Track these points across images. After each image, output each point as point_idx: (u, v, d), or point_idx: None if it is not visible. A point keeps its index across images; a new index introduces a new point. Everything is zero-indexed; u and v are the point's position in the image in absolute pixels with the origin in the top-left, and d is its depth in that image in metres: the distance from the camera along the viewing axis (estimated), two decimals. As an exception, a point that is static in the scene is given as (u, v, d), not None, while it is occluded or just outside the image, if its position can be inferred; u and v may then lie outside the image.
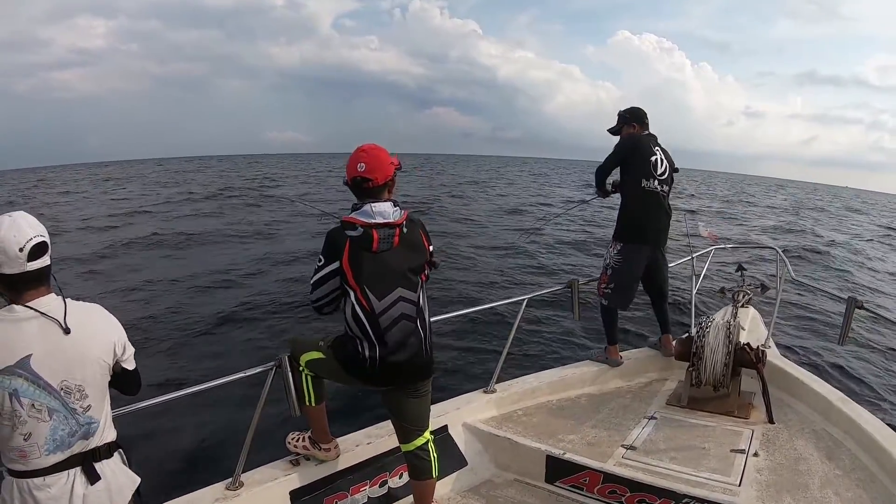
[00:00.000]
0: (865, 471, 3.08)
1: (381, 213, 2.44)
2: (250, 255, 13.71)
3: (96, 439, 1.89)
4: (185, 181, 44.47)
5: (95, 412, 1.88)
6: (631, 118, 4.35)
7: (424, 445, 2.72)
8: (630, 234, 4.26)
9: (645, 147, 4.20)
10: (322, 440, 2.96)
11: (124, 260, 13.63)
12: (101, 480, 1.88)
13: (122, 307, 8.75)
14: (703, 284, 5.62)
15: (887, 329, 8.79)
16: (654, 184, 4.17)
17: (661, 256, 4.40)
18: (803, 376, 4.10)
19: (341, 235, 2.44)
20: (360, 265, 2.41)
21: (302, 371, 2.75)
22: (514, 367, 5.06)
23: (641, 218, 4.23)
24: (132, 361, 2.04)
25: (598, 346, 4.96)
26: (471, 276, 11.79)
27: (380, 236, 2.42)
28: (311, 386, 2.77)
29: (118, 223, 19.86)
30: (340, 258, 2.41)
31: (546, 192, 36.33)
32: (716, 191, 55.07)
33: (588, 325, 7.83)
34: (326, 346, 2.68)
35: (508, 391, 4.00)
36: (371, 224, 2.42)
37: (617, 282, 4.30)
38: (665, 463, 3.25)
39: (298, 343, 2.81)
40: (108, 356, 1.90)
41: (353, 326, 2.48)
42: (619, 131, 4.40)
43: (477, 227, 19.11)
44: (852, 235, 25.25)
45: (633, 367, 4.59)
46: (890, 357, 8.16)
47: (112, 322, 1.99)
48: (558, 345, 7.72)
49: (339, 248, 2.42)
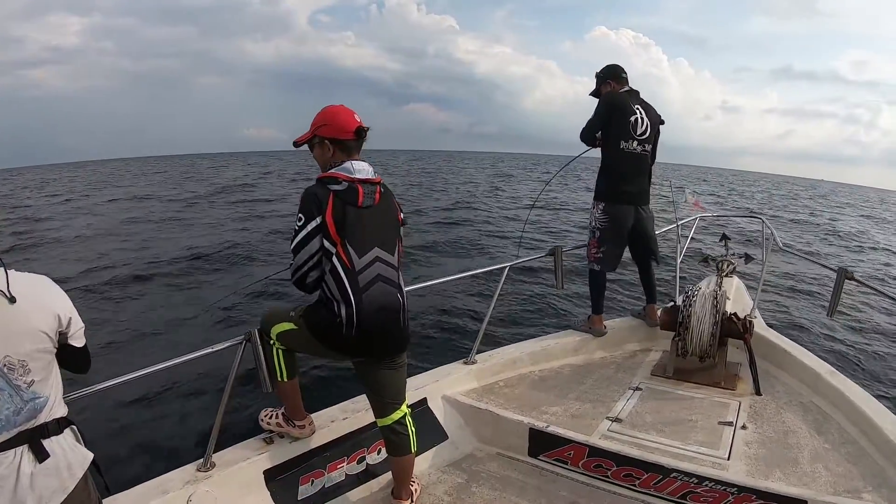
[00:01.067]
0: (855, 445, 3.07)
1: (361, 170, 2.43)
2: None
3: (44, 415, 1.80)
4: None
5: (41, 387, 1.78)
6: (606, 76, 4.26)
7: (402, 419, 2.64)
8: (611, 195, 4.20)
9: (624, 105, 4.11)
10: (296, 416, 2.86)
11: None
12: (50, 458, 1.78)
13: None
14: (687, 253, 5.58)
15: (878, 300, 8.87)
16: (634, 145, 4.11)
17: (646, 214, 4.33)
18: (791, 348, 4.09)
19: (322, 190, 2.36)
20: (344, 218, 2.34)
21: (273, 344, 2.64)
22: (496, 337, 4.99)
23: (620, 179, 4.18)
24: (81, 338, 1.94)
25: (581, 314, 4.90)
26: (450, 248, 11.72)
27: (364, 191, 2.41)
28: (283, 360, 2.66)
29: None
30: (323, 213, 2.33)
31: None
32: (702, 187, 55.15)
33: (571, 294, 7.81)
34: (298, 317, 2.56)
35: (489, 362, 3.94)
36: (356, 179, 2.40)
37: (607, 242, 4.24)
38: (652, 436, 3.21)
39: (269, 315, 2.69)
40: (52, 328, 1.80)
41: (331, 284, 2.38)
42: (598, 93, 4.31)
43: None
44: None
45: (617, 336, 4.55)
46: (879, 329, 8.26)
47: (58, 293, 1.88)
48: (540, 314, 7.70)
49: (322, 202, 2.34)
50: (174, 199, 25.88)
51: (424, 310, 7.42)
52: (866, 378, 6.25)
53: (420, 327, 6.81)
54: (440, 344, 6.50)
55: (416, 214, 17.89)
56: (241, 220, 17.47)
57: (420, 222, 16.65)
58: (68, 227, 18.07)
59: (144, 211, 21.78)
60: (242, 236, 14.50)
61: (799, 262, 10.43)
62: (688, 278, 6.34)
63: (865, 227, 26.39)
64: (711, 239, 9.94)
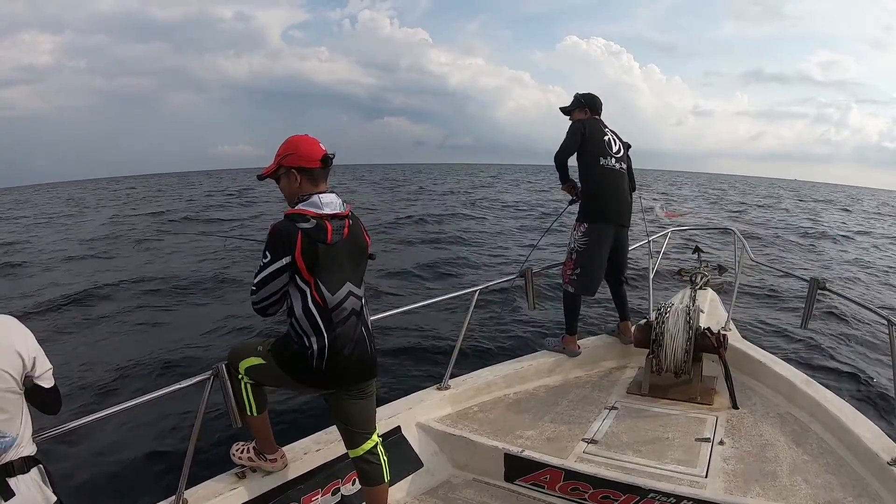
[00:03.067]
0: (833, 455, 3.12)
1: (329, 203, 2.42)
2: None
3: (10, 454, 1.82)
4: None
5: (7, 426, 1.81)
6: (585, 103, 4.37)
7: (373, 449, 2.66)
8: (594, 214, 4.25)
9: (596, 129, 4.24)
10: (267, 450, 2.84)
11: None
12: (15, 496, 1.80)
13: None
14: (661, 266, 5.64)
15: (850, 309, 9.01)
16: (612, 161, 4.21)
17: (623, 237, 4.41)
18: (766, 359, 4.16)
19: (291, 228, 2.35)
20: (315, 257, 2.35)
21: (241, 379, 2.64)
22: (468, 361, 5.00)
23: (603, 196, 4.24)
24: (49, 379, 1.96)
25: (554, 335, 4.93)
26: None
27: (333, 227, 2.40)
28: (252, 394, 2.66)
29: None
30: (292, 252, 2.32)
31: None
32: (683, 191, 55.63)
33: (543, 314, 7.83)
34: (266, 351, 2.57)
35: (463, 387, 3.95)
36: (323, 215, 2.39)
37: (583, 265, 4.28)
38: (628, 456, 3.24)
39: (236, 349, 2.69)
40: (16, 369, 1.83)
41: (303, 322, 2.40)
42: (570, 112, 4.41)
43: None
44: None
45: (591, 355, 4.58)
46: (853, 338, 8.40)
47: (22, 333, 1.92)
48: (513, 336, 7.70)
49: (291, 241, 2.33)
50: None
51: (396, 336, 7.37)
52: (843, 385, 6.33)
53: (392, 354, 6.77)
54: (413, 370, 6.48)
55: (384, 233, 17.74)
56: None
57: (390, 239, 16.55)
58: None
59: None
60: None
61: (773, 273, 10.58)
62: (662, 292, 6.43)
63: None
64: (685, 254, 10.06)
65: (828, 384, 4.02)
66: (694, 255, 5.71)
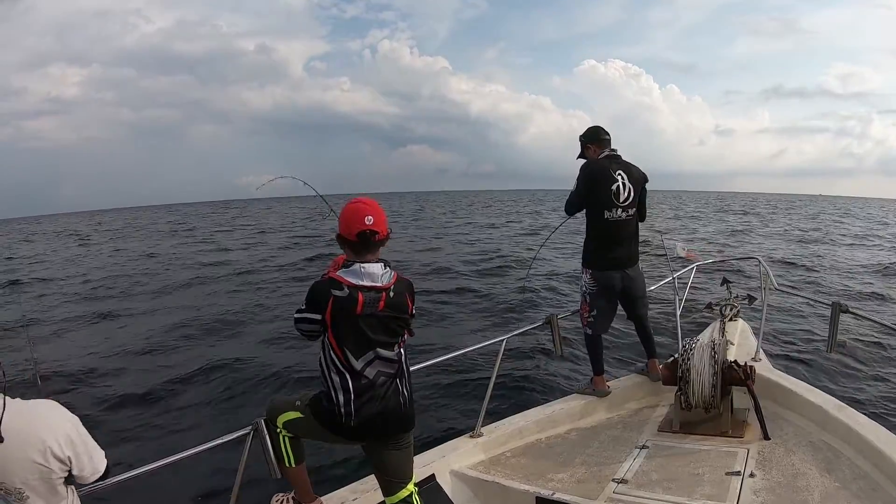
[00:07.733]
0: (867, 479, 3.14)
1: (369, 275, 2.53)
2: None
3: None
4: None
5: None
6: (588, 139, 4.46)
7: (408, 498, 2.81)
8: (597, 262, 4.42)
9: (604, 175, 4.30)
10: (306, 500, 3.03)
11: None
12: None
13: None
14: (691, 302, 5.69)
15: (876, 332, 8.96)
16: (618, 212, 4.29)
17: (634, 274, 4.51)
18: (796, 387, 4.18)
19: (325, 292, 2.51)
20: (341, 325, 2.52)
21: (279, 432, 2.84)
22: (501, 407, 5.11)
23: (607, 249, 4.39)
24: (95, 471, 2.04)
25: (583, 377, 5.02)
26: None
27: (365, 300, 2.51)
28: (290, 447, 2.86)
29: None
30: (323, 313, 2.51)
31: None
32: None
33: (571, 358, 7.92)
34: (304, 405, 2.78)
35: (495, 433, 4.07)
36: (358, 286, 2.51)
37: (598, 307, 4.45)
38: (658, 494, 3.28)
39: (275, 404, 2.91)
40: (46, 459, 1.85)
41: (334, 379, 2.59)
42: (584, 155, 4.52)
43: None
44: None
45: (621, 395, 4.66)
46: (881, 359, 8.36)
47: (58, 424, 1.93)
48: (543, 381, 7.78)
49: (322, 304, 2.51)
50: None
51: (428, 385, 7.49)
52: (876, 410, 6.27)
53: (425, 402, 6.87)
54: (446, 418, 6.60)
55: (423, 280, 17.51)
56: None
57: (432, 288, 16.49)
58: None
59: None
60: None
61: (802, 299, 10.55)
62: (692, 327, 6.46)
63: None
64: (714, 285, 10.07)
65: (862, 409, 4.02)
66: (722, 287, 5.77)
